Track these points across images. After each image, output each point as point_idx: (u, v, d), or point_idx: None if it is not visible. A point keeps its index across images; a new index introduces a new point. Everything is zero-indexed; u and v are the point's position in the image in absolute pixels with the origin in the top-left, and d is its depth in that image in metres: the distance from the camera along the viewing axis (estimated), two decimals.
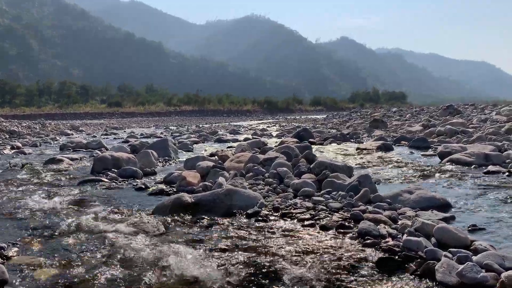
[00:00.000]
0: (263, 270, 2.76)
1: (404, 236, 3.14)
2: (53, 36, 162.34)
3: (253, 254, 3.04)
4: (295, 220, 3.89)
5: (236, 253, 3.09)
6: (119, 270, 2.78)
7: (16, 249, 3.22)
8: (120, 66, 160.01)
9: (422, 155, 8.74)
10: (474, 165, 6.79)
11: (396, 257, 2.87)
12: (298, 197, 4.74)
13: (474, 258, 2.72)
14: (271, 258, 2.96)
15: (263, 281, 2.62)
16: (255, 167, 6.09)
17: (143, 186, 5.79)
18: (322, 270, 2.75)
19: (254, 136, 14.73)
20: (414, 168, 6.99)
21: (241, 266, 2.83)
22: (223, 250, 3.15)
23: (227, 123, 31.96)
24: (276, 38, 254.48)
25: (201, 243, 3.32)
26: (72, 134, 20.18)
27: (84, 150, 11.49)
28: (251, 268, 2.79)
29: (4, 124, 20.31)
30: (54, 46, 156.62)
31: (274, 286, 2.55)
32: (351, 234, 3.43)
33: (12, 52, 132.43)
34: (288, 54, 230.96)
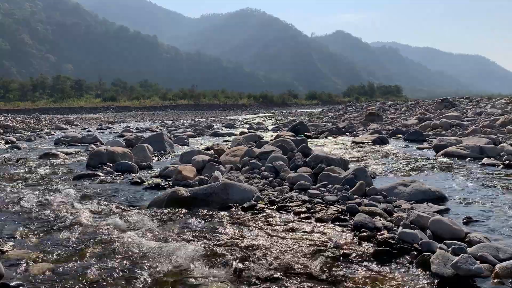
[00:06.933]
0: (259, 263, 2.76)
1: (400, 229, 3.16)
2: (46, 31, 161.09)
3: (249, 247, 3.05)
4: (291, 213, 3.89)
5: (232, 246, 3.09)
6: (115, 264, 2.78)
7: (11, 243, 3.21)
8: (113, 60, 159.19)
9: (417, 148, 8.78)
10: (469, 158, 6.83)
11: (392, 250, 2.89)
12: (294, 191, 4.74)
13: (468, 249, 2.74)
14: (267, 251, 2.96)
15: (259, 273, 2.62)
16: (251, 161, 6.10)
17: (139, 180, 5.77)
18: (318, 262, 2.76)
19: (249, 130, 14.71)
20: (409, 161, 7.01)
21: (237, 259, 2.83)
22: (219, 244, 3.15)
23: (223, 117, 31.93)
24: (271, 32, 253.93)
25: (197, 237, 3.32)
26: (67, 129, 20.07)
27: (79, 144, 11.44)
28: (247, 261, 2.80)
29: None
30: (47, 41, 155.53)
31: (270, 278, 2.56)
32: (347, 227, 3.44)
33: (4, 47, 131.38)
34: (282, 48, 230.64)
